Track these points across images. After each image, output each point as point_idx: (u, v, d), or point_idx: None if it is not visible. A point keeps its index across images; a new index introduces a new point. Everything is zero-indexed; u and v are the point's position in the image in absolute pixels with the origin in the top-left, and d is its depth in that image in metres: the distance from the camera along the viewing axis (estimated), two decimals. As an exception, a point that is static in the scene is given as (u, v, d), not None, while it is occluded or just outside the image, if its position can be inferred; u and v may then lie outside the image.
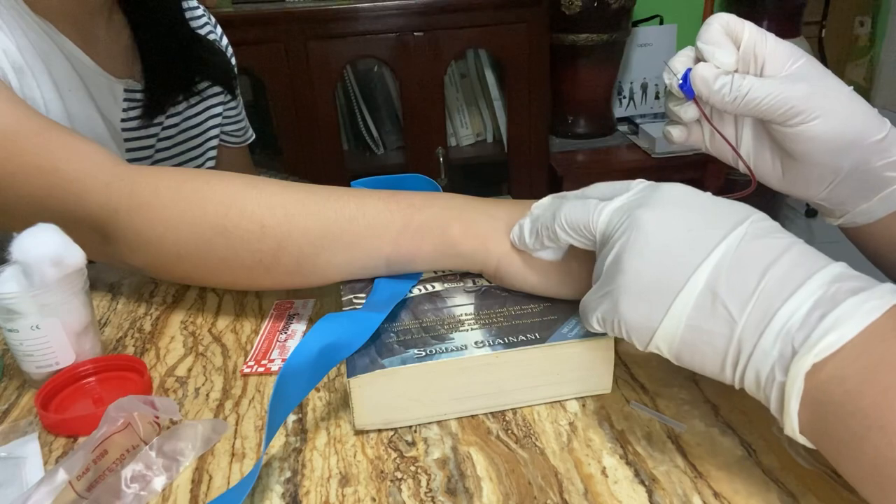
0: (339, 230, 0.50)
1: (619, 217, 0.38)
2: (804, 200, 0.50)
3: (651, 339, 0.35)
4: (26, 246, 0.46)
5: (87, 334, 0.50)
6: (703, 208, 0.36)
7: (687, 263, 0.34)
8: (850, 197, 0.48)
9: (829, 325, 0.30)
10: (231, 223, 0.50)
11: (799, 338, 0.30)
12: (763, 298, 0.32)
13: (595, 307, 0.38)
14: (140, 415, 0.41)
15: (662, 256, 0.34)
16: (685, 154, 1.91)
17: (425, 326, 0.46)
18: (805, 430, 0.31)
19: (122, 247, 0.53)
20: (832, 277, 0.31)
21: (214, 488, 0.40)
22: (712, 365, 0.34)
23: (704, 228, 0.34)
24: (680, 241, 0.34)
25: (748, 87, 0.44)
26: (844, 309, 0.30)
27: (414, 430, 0.43)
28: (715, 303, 0.33)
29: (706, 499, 0.36)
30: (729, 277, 0.33)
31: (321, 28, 1.68)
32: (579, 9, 1.84)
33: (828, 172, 0.47)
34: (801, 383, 0.30)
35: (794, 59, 0.45)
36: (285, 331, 0.54)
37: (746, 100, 0.44)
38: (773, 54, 0.45)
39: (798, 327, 0.31)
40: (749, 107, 0.44)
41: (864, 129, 0.45)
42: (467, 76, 1.98)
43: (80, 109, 0.71)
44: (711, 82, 0.45)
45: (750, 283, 0.32)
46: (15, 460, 0.42)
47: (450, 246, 0.50)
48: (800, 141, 0.45)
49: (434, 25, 1.72)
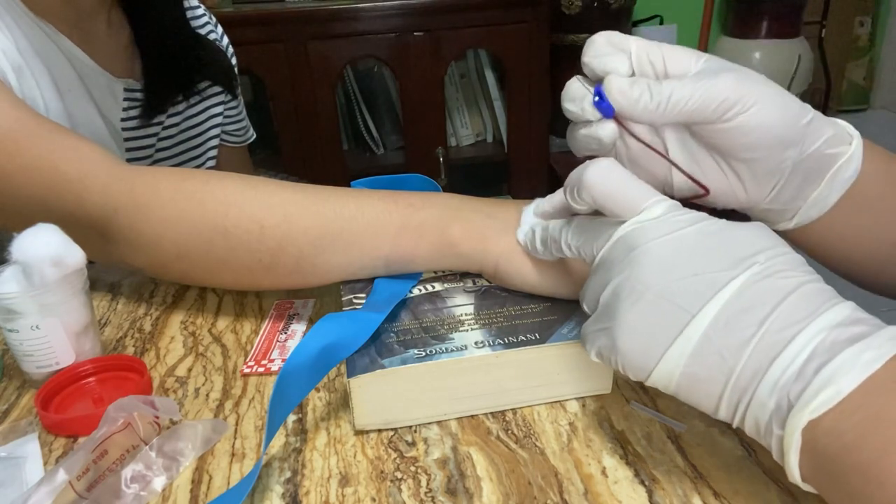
0: (337, 230, 0.50)
1: (621, 250, 0.36)
2: (745, 212, 0.46)
3: (648, 377, 0.34)
4: (26, 246, 0.46)
5: (87, 334, 0.50)
6: (711, 246, 0.33)
7: (686, 311, 0.32)
8: (800, 188, 0.43)
9: (825, 380, 0.29)
10: (230, 223, 0.50)
11: (795, 391, 0.29)
12: (760, 348, 0.31)
13: (594, 341, 0.36)
14: (140, 415, 0.41)
15: (662, 302, 0.33)
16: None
17: (425, 326, 0.46)
18: (808, 478, 0.30)
19: (122, 247, 0.53)
20: (833, 322, 0.30)
21: (214, 488, 0.40)
22: (709, 407, 0.33)
23: (709, 272, 0.32)
24: (682, 287, 0.33)
25: (669, 89, 0.40)
26: (841, 361, 0.29)
27: (414, 430, 0.43)
28: (712, 350, 0.32)
29: (706, 499, 0.36)
30: (728, 324, 0.31)
31: (321, 28, 1.68)
32: (579, 9, 1.84)
33: (774, 165, 0.42)
34: (799, 438, 0.29)
35: (696, 57, 0.41)
36: (285, 331, 0.54)
37: (672, 102, 0.40)
38: (672, 57, 0.42)
39: (794, 379, 0.29)
40: (676, 110, 0.40)
41: (798, 112, 0.42)
42: (467, 76, 1.98)
43: (80, 109, 0.71)
44: (629, 91, 0.40)
45: (748, 330, 0.31)
46: (15, 460, 0.42)
47: (449, 246, 0.50)
48: (740, 135, 0.41)
49: (434, 25, 1.72)
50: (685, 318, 0.32)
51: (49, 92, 0.67)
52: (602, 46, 0.42)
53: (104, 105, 0.74)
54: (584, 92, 0.42)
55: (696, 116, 0.40)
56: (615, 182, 0.38)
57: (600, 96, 0.41)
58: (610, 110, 0.41)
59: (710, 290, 0.32)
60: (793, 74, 2.04)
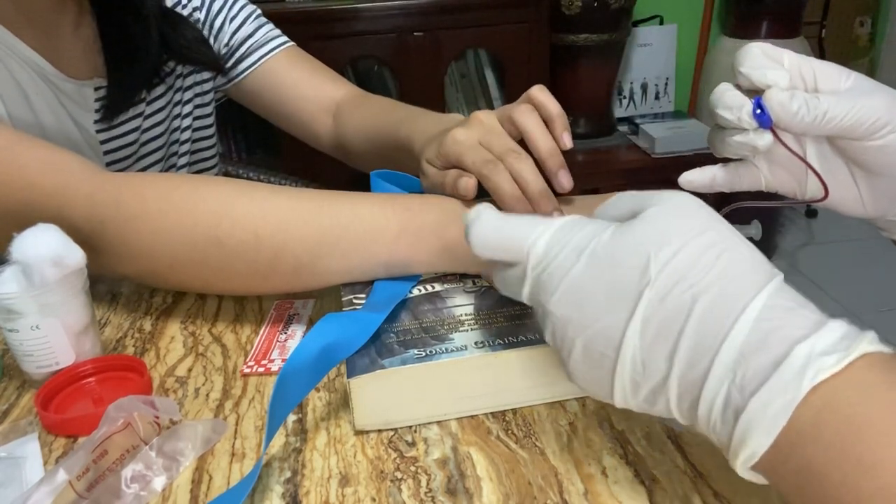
0: (335, 237, 0.50)
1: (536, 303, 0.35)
2: (873, 221, 0.47)
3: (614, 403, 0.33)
4: (26, 246, 0.46)
5: (87, 334, 0.50)
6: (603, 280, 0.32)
7: (608, 356, 0.31)
8: None
9: (741, 435, 0.28)
10: (224, 233, 0.49)
11: (724, 435, 0.29)
12: (684, 387, 0.30)
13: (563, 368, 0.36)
14: (140, 415, 0.41)
15: (589, 351, 0.32)
16: (685, 154, 1.91)
17: (425, 327, 0.46)
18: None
19: (112, 258, 0.52)
20: (736, 353, 0.28)
21: (214, 488, 0.40)
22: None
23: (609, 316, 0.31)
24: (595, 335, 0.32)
25: (826, 105, 0.41)
26: (752, 414, 0.27)
27: (414, 430, 0.43)
28: (645, 388, 0.31)
29: (706, 499, 0.36)
30: (646, 366, 0.30)
31: (321, 28, 1.68)
32: (579, 9, 1.84)
33: None
34: (750, 474, 0.29)
35: (846, 75, 0.43)
36: (285, 331, 0.54)
37: (827, 118, 0.41)
38: (822, 73, 0.43)
39: (721, 423, 0.29)
40: (830, 125, 0.41)
41: None
42: (467, 76, 1.98)
43: (50, 116, 0.67)
44: (789, 105, 0.41)
45: (661, 371, 0.30)
46: (15, 460, 0.42)
47: (447, 250, 0.50)
48: (886, 153, 0.42)
49: (434, 25, 1.72)
50: (609, 364, 0.32)
51: (14, 100, 0.64)
52: (758, 58, 0.43)
53: (74, 110, 0.70)
54: (741, 101, 0.43)
55: (848, 132, 0.42)
56: (494, 238, 0.36)
57: (761, 108, 0.42)
58: (768, 121, 0.42)
59: (617, 335, 0.31)
60: (793, 74, 2.04)
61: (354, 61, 1.86)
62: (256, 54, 0.82)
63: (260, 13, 0.85)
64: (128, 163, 0.77)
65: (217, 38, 0.82)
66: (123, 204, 0.51)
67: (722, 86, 0.45)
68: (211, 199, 0.51)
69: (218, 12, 0.82)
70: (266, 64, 0.83)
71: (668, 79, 2.21)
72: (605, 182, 1.87)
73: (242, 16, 0.83)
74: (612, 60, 1.98)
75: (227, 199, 0.51)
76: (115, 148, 0.75)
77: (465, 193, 0.51)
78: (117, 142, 0.75)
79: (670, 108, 2.23)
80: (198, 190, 0.51)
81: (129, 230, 0.51)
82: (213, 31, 0.82)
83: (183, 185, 0.52)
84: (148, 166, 0.80)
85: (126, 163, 0.77)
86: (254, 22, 0.83)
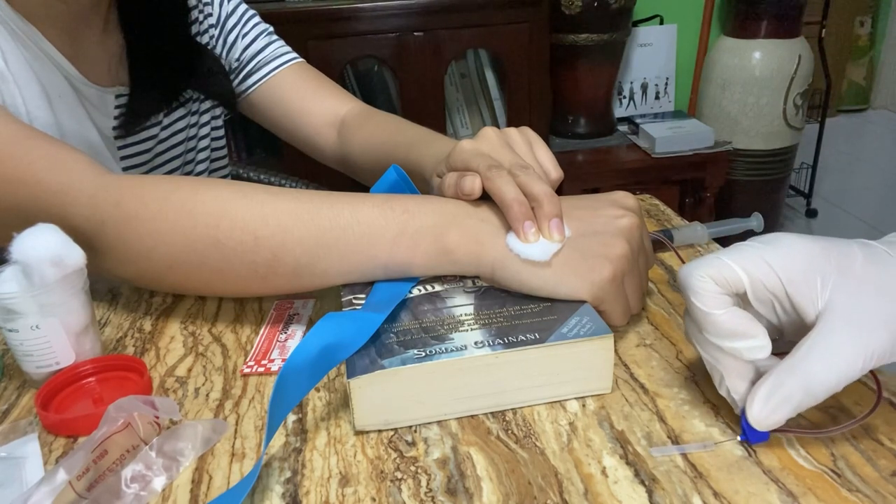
0: (333, 240, 0.50)
1: None
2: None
3: None
4: (26, 246, 0.46)
5: (87, 334, 0.50)
6: None
7: None
8: None
9: None
10: (223, 235, 0.50)
11: None
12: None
13: None
14: (140, 415, 0.41)
15: None
16: (685, 154, 1.91)
17: (425, 327, 0.46)
18: None
19: (110, 259, 0.52)
20: None
21: (214, 488, 0.40)
22: None
23: None
24: None
25: (816, 388, 0.37)
26: None
27: (414, 430, 0.43)
28: None
29: (706, 499, 0.36)
30: None
31: (321, 28, 1.68)
32: (579, 9, 1.84)
33: None
34: None
35: (822, 281, 0.38)
36: (285, 331, 0.54)
37: (817, 398, 0.37)
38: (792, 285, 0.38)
39: None
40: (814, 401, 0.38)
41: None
42: (467, 76, 1.98)
43: (71, 117, 0.68)
44: (774, 417, 0.38)
45: None
46: (15, 460, 0.42)
47: (445, 252, 0.49)
48: None
49: (434, 25, 1.72)
50: None
51: (36, 100, 0.64)
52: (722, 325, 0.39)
53: (94, 113, 0.71)
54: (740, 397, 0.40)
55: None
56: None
57: (751, 430, 0.39)
58: (764, 437, 0.40)
59: None
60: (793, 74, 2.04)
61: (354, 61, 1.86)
62: (265, 69, 0.84)
63: (272, 30, 0.87)
64: (144, 168, 0.78)
65: (229, 52, 0.84)
66: (123, 204, 0.51)
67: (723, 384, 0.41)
68: (210, 200, 0.51)
69: (231, 28, 0.84)
70: (273, 79, 0.84)
71: (668, 79, 2.21)
72: (605, 182, 1.87)
73: (254, 33, 0.85)
74: (613, 60, 1.98)
75: (225, 201, 0.51)
76: (131, 154, 0.76)
77: (470, 192, 0.50)
78: (134, 148, 0.76)
79: (670, 108, 2.23)
80: (197, 191, 0.51)
81: (129, 231, 0.51)
82: (226, 46, 0.84)
83: (182, 186, 0.52)
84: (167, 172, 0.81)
85: (143, 168, 0.78)
86: (264, 38, 0.86)
